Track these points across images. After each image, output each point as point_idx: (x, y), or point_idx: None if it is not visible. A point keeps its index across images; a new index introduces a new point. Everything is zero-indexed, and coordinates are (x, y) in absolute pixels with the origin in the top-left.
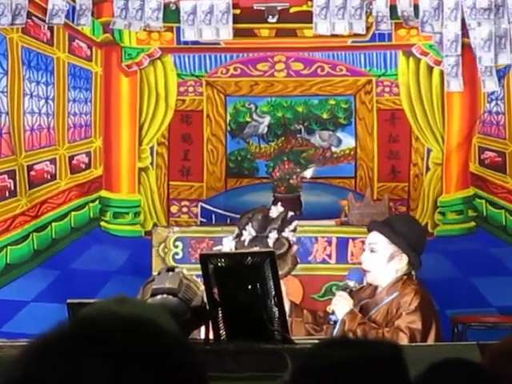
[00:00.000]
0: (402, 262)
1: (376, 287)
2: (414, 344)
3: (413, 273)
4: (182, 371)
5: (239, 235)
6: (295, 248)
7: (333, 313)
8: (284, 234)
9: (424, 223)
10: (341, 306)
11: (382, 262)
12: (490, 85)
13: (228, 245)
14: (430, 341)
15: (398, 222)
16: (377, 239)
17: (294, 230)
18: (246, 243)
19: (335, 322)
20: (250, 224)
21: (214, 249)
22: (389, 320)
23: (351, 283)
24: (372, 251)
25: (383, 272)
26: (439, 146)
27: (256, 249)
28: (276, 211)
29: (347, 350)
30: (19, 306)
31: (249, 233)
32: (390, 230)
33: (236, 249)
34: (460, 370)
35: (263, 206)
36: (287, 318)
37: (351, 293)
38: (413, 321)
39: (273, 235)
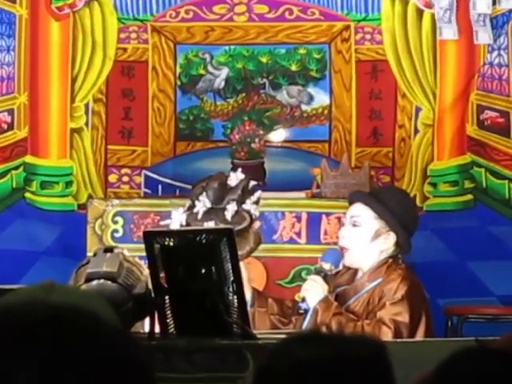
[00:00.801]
0: (388, 242)
1: (355, 271)
2: (399, 340)
3: (399, 256)
4: (125, 370)
5: (191, 207)
6: (258, 224)
7: (303, 300)
8: (245, 207)
9: (412, 196)
10: (313, 292)
11: (366, 239)
12: (483, 36)
13: (178, 218)
14: (419, 336)
15: (386, 194)
16: (360, 212)
17: (257, 203)
18: (199, 216)
19: (306, 312)
20: (204, 194)
21: (161, 224)
22: (370, 311)
23: (326, 266)
24: (354, 225)
25: (365, 252)
26: (430, 105)
27: (211, 224)
28: (235, 179)
29: (319, 347)
30: None
31: (203, 204)
32: (377, 203)
33: (187, 223)
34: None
35: (220, 172)
36: (248, 308)
37: (326, 277)
38: (398, 312)
39: (231, 207)
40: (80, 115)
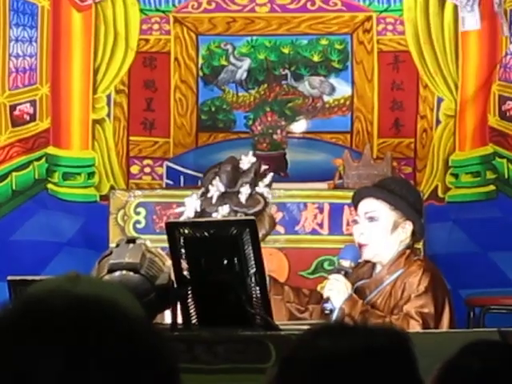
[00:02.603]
0: (406, 231)
1: (373, 265)
2: (422, 331)
3: (416, 246)
4: (148, 360)
5: (205, 192)
6: (273, 209)
7: (328, 300)
8: (258, 190)
9: (433, 187)
10: (337, 291)
11: (385, 232)
12: (507, 28)
13: (192, 205)
14: (443, 326)
15: (394, 184)
16: (375, 206)
17: (270, 185)
18: (213, 201)
19: (332, 312)
20: (217, 178)
21: (176, 211)
22: (393, 304)
23: (346, 263)
24: (371, 220)
25: (386, 245)
26: (452, 95)
27: (226, 208)
28: (247, 162)
29: (343, 338)
30: None
31: (216, 188)
32: (389, 194)
33: (202, 209)
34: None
35: (232, 156)
36: None
37: (347, 275)
38: (424, 304)
39: (245, 190)
40: (102, 106)
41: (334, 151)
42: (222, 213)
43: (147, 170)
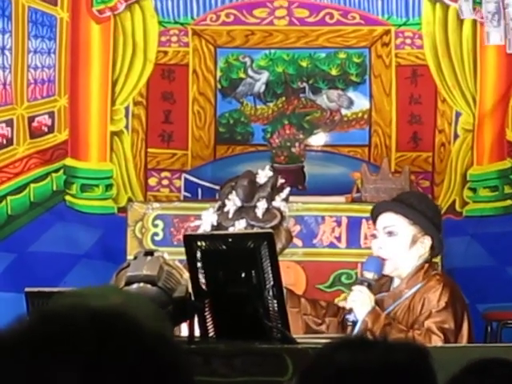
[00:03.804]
0: (425, 246)
1: (391, 278)
2: (440, 345)
3: (435, 260)
4: (165, 374)
5: (221, 206)
6: (291, 222)
7: (350, 312)
8: (275, 204)
9: (451, 201)
10: (360, 303)
11: (404, 246)
12: None
13: (208, 219)
14: (462, 341)
15: (413, 198)
16: (394, 221)
17: (286, 199)
18: (230, 215)
19: (354, 324)
20: (233, 192)
21: (192, 225)
22: (413, 319)
23: (369, 275)
24: (390, 235)
25: (405, 260)
26: (470, 109)
27: (242, 223)
28: (264, 176)
29: (363, 352)
30: None
31: (233, 202)
32: (408, 209)
33: (219, 223)
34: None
35: (249, 170)
36: None
37: (370, 287)
38: (445, 320)
39: (261, 205)
40: (120, 118)
41: (351, 165)
42: (238, 227)
43: (165, 182)
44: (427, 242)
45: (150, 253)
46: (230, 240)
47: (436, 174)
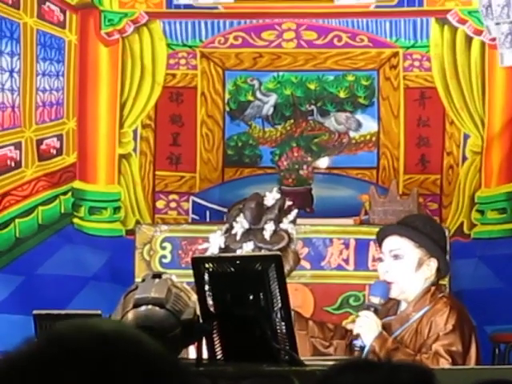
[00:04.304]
0: (431, 269)
1: (398, 301)
2: (447, 367)
3: (441, 282)
4: None
5: (229, 229)
6: (299, 244)
7: (357, 337)
8: (282, 226)
9: (459, 223)
10: (367, 328)
11: (410, 269)
12: None
13: (216, 242)
14: (470, 363)
15: (418, 221)
16: (399, 244)
17: (294, 222)
18: (237, 237)
19: (362, 349)
20: (241, 215)
21: (199, 248)
22: (421, 343)
23: (375, 300)
24: (396, 258)
25: (411, 283)
26: (478, 132)
27: (250, 245)
28: (272, 199)
29: (368, 374)
30: None
31: (241, 225)
32: (414, 232)
33: (226, 245)
34: None
35: (256, 193)
36: None
37: (376, 312)
38: (452, 343)
39: (269, 227)
40: (128, 141)
41: (359, 187)
42: (246, 249)
43: (173, 204)
44: (433, 264)
45: (158, 275)
46: (238, 262)
47: (444, 197)
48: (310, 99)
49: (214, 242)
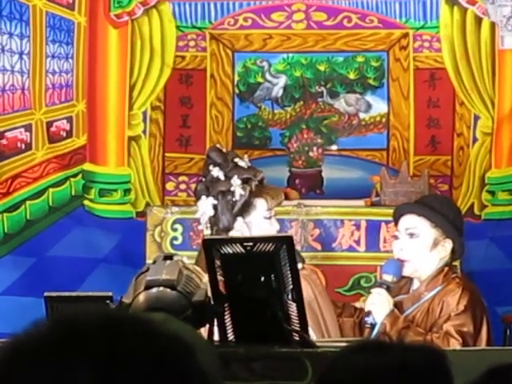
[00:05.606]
0: (446, 249)
1: (411, 280)
2: (459, 348)
3: (454, 263)
4: (179, 380)
5: (210, 181)
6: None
7: (369, 314)
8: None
9: (470, 204)
10: (379, 306)
11: (425, 249)
12: None
13: (205, 203)
14: (482, 343)
15: (436, 201)
16: (416, 223)
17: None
18: (221, 178)
19: (373, 326)
20: (210, 165)
21: (196, 217)
22: (432, 322)
23: (388, 278)
24: (411, 237)
25: (425, 262)
26: (488, 113)
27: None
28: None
29: (380, 355)
30: None
31: (216, 167)
32: (431, 211)
33: (219, 190)
34: None
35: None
36: None
37: (389, 289)
38: (464, 323)
39: (239, 161)
40: (138, 123)
41: (370, 168)
42: (235, 184)
43: (182, 186)
44: (448, 245)
45: (169, 257)
46: (249, 244)
47: (454, 178)
48: (319, 81)
49: (202, 207)
